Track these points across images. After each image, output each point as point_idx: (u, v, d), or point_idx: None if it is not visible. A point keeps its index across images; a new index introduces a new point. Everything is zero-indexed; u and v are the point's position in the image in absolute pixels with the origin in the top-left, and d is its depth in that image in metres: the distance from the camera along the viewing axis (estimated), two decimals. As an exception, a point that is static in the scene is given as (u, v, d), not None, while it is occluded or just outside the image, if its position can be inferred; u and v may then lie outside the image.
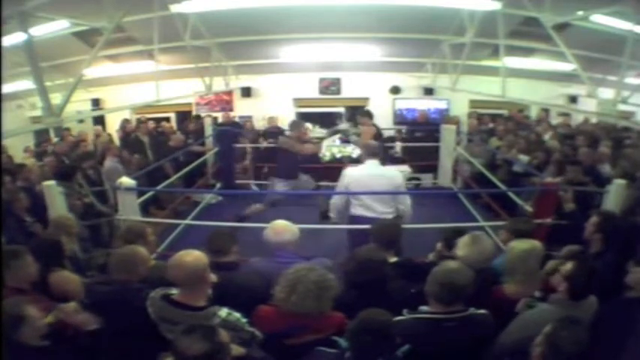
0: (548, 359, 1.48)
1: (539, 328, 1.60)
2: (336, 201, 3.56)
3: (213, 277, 1.89)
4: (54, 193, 3.47)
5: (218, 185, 6.73)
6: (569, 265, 1.91)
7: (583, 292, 1.89)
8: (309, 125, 7.27)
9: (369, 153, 3.59)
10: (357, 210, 3.42)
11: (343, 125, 5.82)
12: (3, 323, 1.67)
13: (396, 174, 3.56)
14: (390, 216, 3.35)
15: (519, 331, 1.85)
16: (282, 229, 2.47)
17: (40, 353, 1.76)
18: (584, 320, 1.75)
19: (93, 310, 2.09)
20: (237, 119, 8.67)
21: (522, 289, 2.06)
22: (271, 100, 8.99)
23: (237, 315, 1.82)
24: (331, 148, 7.75)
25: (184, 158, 6.26)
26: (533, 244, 2.18)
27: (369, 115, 5.42)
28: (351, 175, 3.51)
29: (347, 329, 1.66)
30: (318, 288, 1.82)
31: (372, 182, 3.42)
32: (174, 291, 1.87)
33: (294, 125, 5.18)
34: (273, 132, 7.66)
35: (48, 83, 3.85)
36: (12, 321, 1.70)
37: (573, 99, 8.59)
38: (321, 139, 5.80)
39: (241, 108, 9.21)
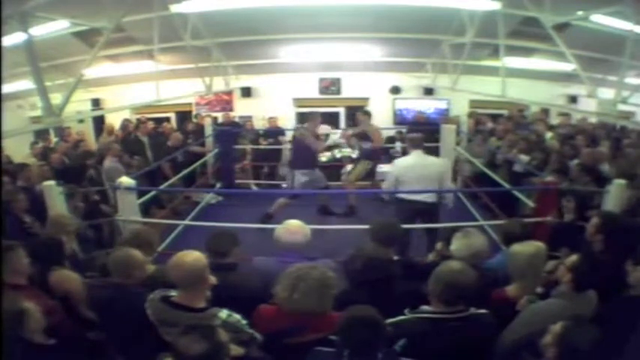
0: (564, 358, 1.49)
1: (545, 320, 1.60)
2: (387, 187, 4.21)
3: (212, 279, 1.88)
4: (54, 193, 3.46)
5: (218, 185, 6.73)
6: (573, 257, 1.97)
7: (587, 283, 1.90)
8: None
9: (414, 144, 4.06)
10: (406, 195, 3.94)
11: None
12: (2, 318, 1.68)
13: (441, 162, 4.09)
14: (435, 199, 3.93)
15: (525, 326, 1.86)
16: (296, 229, 2.46)
17: (43, 352, 1.76)
18: (587, 316, 1.76)
19: (93, 312, 2.10)
20: (237, 119, 8.68)
21: (526, 290, 2.07)
22: (271, 100, 8.99)
23: (237, 317, 1.82)
24: (331, 148, 7.75)
25: (183, 158, 6.26)
26: (538, 246, 2.18)
27: (369, 114, 5.68)
28: (401, 164, 4.04)
29: (338, 328, 1.62)
30: (320, 286, 1.81)
31: (420, 171, 3.90)
32: (173, 292, 1.87)
33: (311, 117, 5.40)
34: (273, 132, 7.69)
35: (48, 83, 3.85)
36: (12, 316, 1.70)
37: (573, 99, 8.59)
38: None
39: (241, 108, 9.22)
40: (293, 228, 2.46)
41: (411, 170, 3.92)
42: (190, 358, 1.36)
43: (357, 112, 6.10)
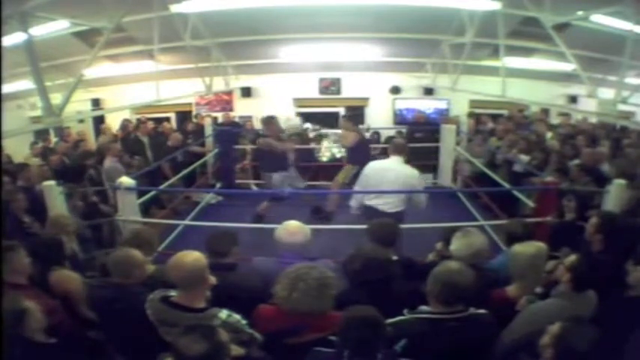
0: (561, 359, 1.49)
1: (544, 320, 1.61)
2: (357, 189, 3.96)
3: (212, 279, 1.88)
4: (54, 193, 3.46)
5: (218, 185, 6.73)
6: (572, 257, 1.97)
7: (586, 283, 1.90)
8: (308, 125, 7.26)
9: (393, 149, 3.85)
10: (369, 200, 3.74)
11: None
12: (3, 317, 1.68)
13: (411, 173, 3.75)
14: (400, 208, 3.66)
15: (525, 326, 1.86)
16: (295, 230, 2.46)
17: (44, 351, 1.76)
18: (586, 316, 1.77)
19: (93, 312, 2.10)
20: (237, 119, 8.68)
21: (526, 290, 2.08)
22: (271, 100, 8.98)
23: (237, 317, 1.82)
24: (331, 148, 7.75)
25: (183, 158, 6.27)
26: (539, 247, 2.19)
27: (352, 120, 5.70)
28: (370, 167, 3.84)
29: (339, 328, 1.63)
30: (319, 285, 1.81)
31: (383, 176, 3.70)
32: (173, 293, 1.87)
33: (266, 122, 5.41)
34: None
35: (48, 83, 3.84)
36: (12, 315, 1.70)
37: (573, 99, 8.59)
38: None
39: (241, 108, 9.22)
40: (292, 229, 2.47)
41: (378, 175, 3.71)
42: (191, 358, 1.36)
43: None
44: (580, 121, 7.32)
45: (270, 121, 5.38)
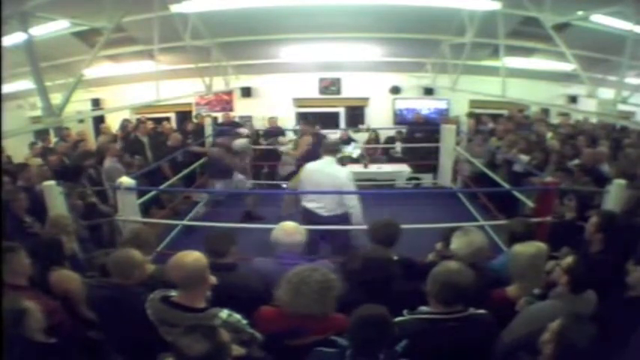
0: (560, 356, 1.49)
1: (543, 321, 1.61)
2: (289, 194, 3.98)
3: (212, 279, 1.88)
4: (54, 193, 3.46)
5: (218, 185, 6.71)
6: (569, 259, 1.97)
7: (583, 285, 1.91)
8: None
9: (325, 150, 3.78)
10: (306, 203, 3.73)
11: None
12: (3, 318, 1.68)
13: (341, 173, 3.69)
14: (338, 212, 3.60)
15: (524, 327, 1.86)
16: (292, 230, 2.48)
17: (44, 351, 1.76)
18: (586, 315, 1.76)
19: (93, 312, 2.10)
20: (237, 119, 8.68)
21: (526, 290, 2.08)
22: (271, 100, 8.99)
23: (237, 316, 1.82)
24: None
25: (183, 158, 6.26)
26: (539, 247, 2.19)
27: (310, 122, 5.71)
28: (306, 168, 3.80)
29: (347, 327, 1.64)
30: (322, 289, 1.81)
31: (317, 178, 3.66)
32: (173, 293, 1.87)
33: (228, 132, 5.72)
34: (273, 132, 7.69)
35: (48, 83, 3.84)
36: (12, 315, 1.70)
37: (573, 99, 8.59)
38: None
39: (241, 108, 9.22)
40: (289, 229, 2.48)
41: (313, 177, 3.67)
42: (191, 358, 1.36)
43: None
44: (580, 121, 7.32)
45: (230, 132, 5.68)
